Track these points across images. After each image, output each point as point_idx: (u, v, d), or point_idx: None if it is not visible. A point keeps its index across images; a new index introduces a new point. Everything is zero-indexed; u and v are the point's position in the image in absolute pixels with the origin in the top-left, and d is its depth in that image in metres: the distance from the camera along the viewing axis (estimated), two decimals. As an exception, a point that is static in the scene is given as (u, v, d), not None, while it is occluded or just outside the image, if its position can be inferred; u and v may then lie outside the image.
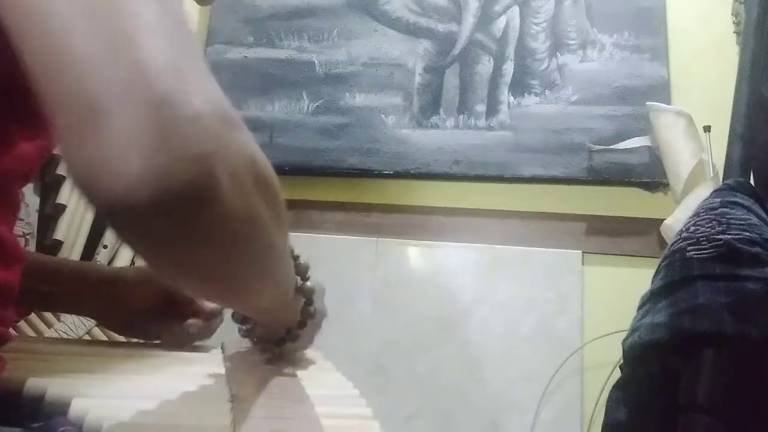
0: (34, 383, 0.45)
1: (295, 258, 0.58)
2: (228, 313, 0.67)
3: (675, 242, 0.78)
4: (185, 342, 0.69)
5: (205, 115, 0.31)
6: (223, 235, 0.33)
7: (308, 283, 0.59)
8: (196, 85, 0.31)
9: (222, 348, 0.66)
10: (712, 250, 0.74)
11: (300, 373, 0.57)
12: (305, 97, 1.59)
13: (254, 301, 0.48)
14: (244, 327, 0.63)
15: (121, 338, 0.79)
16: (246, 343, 0.66)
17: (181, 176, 0.29)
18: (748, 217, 0.76)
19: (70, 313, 0.84)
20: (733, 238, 0.73)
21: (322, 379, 0.58)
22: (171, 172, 0.29)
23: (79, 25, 0.30)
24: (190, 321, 0.68)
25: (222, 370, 0.55)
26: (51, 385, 0.44)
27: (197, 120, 0.30)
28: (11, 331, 0.48)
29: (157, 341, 0.70)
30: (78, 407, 0.40)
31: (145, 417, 0.40)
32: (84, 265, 0.94)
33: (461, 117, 1.53)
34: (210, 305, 0.69)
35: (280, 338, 0.59)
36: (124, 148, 0.29)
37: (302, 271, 0.59)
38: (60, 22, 0.31)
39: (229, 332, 0.68)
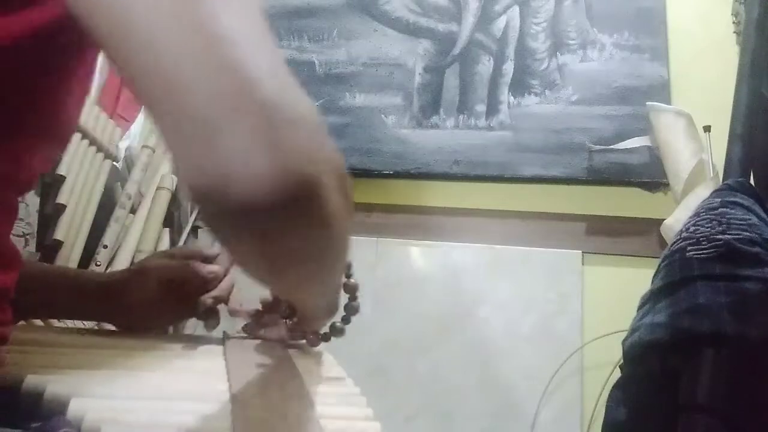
0: (33, 380, 0.45)
1: None
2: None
3: (675, 242, 0.78)
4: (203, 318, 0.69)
5: (308, 117, 0.33)
6: (324, 228, 0.35)
7: (352, 280, 0.62)
8: (294, 89, 0.33)
9: (223, 339, 0.66)
10: (712, 250, 0.74)
11: (301, 368, 0.57)
12: (305, 97, 1.59)
13: (322, 294, 0.50)
14: (288, 321, 0.65)
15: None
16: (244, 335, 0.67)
17: (298, 173, 0.31)
18: (748, 217, 0.76)
19: (71, 319, 0.84)
20: (733, 238, 0.73)
21: (322, 376, 0.58)
22: (289, 170, 0.31)
23: (176, 38, 0.31)
24: (203, 297, 0.68)
25: (223, 367, 0.55)
26: (50, 383, 0.44)
27: (303, 121, 0.32)
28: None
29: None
30: (76, 407, 0.40)
31: (144, 418, 0.40)
32: (79, 273, 0.94)
33: (461, 117, 1.53)
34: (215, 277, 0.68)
35: (324, 333, 0.61)
36: (245, 153, 0.30)
37: (347, 268, 0.62)
38: (158, 38, 0.31)
39: (230, 323, 0.68)
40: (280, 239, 0.34)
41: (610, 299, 1.35)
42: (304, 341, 0.62)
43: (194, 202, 0.33)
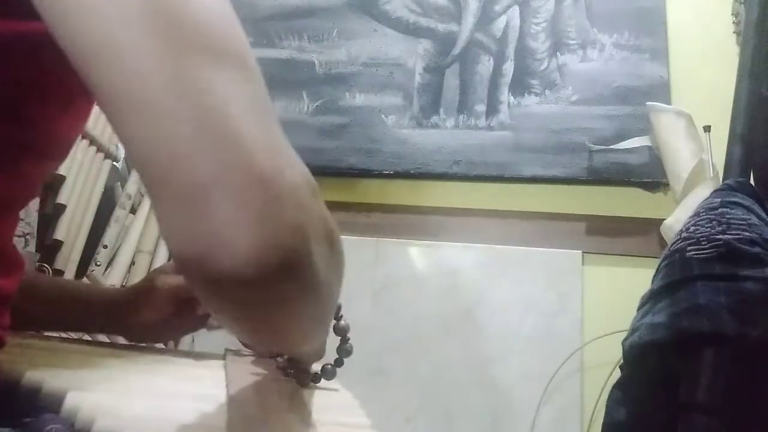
0: (31, 376, 0.45)
1: None
2: None
3: (675, 242, 0.78)
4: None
5: (299, 187, 0.33)
6: (308, 297, 0.35)
7: (342, 322, 0.61)
8: (287, 159, 0.33)
9: (224, 354, 0.66)
10: (712, 250, 0.74)
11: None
12: (305, 97, 1.59)
13: (309, 346, 0.51)
14: (277, 360, 0.64)
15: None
16: (247, 351, 0.67)
17: (284, 248, 0.31)
18: (748, 217, 0.76)
19: (78, 332, 0.84)
20: (733, 238, 0.73)
21: (322, 390, 0.58)
22: (274, 244, 0.31)
23: (173, 108, 0.31)
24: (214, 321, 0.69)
25: (222, 375, 0.55)
26: (48, 379, 0.44)
27: (293, 192, 0.32)
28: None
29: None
30: (72, 401, 0.40)
31: (139, 412, 0.40)
32: (90, 288, 0.95)
33: (461, 117, 1.53)
34: None
35: (315, 374, 0.60)
36: (232, 226, 0.30)
37: (336, 310, 0.61)
38: (154, 104, 0.31)
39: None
40: (265, 308, 0.34)
41: (610, 299, 1.35)
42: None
43: (179, 268, 0.33)
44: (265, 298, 0.33)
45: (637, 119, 1.43)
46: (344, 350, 0.60)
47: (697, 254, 0.74)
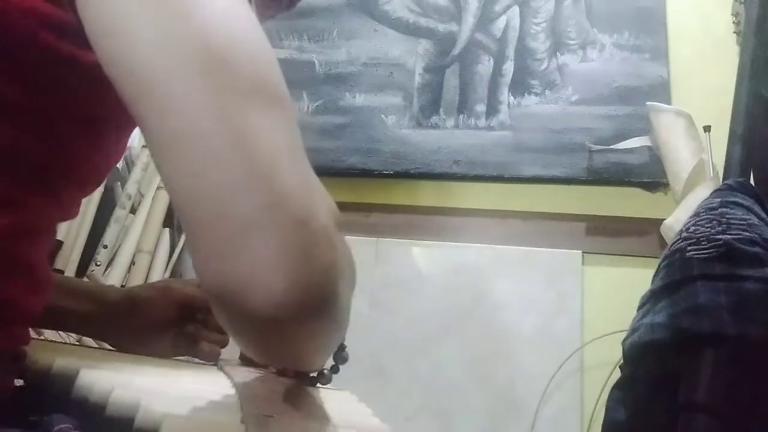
0: (42, 358, 0.45)
1: None
2: None
3: (675, 242, 0.78)
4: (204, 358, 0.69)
5: (329, 226, 0.34)
6: (332, 327, 0.36)
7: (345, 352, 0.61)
8: (319, 198, 0.34)
9: (220, 366, 0.66)
10: (712, 250, 0.74)
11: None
12: (305, 97, 1.59)
13: (322, 364, 0.53)
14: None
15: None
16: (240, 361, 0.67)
17: (316, 287, 0.32)
18: (748, 217, 0.76)
19: (81, 333, 0.82)
20: (733, 238, 0.73)
21: (332, 394, 0.58)
22: (309, 284, 0.32)
23: (219, 148, 0.32)
24: (205, 347, 0.67)
25: (225, 379, 0.55)
26: (58, 360, 0.44)
27: (326, 233, 0.33)
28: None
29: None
30: (86, 377, 0.40)
31: (153, 385, 0.40)
32: (100, 285, 0.94)
33: (461, 117, 1.53)
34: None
35: (311, 378, 0.59)
36: (269, 266, 0.31)
37: None
38: (201, 143, 0.32)
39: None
40: (291, 341, 0.35)
41: (610, 299, 1.35)
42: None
43: (212, 304, 0.34)
44: (294, 333, 0.34)
45: (637, 119, 1.43)
46: (341, 357, 0.61)
47: (697, 254, 0.74)
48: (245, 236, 0.31)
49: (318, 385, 0.59)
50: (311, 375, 0.59)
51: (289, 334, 0.34)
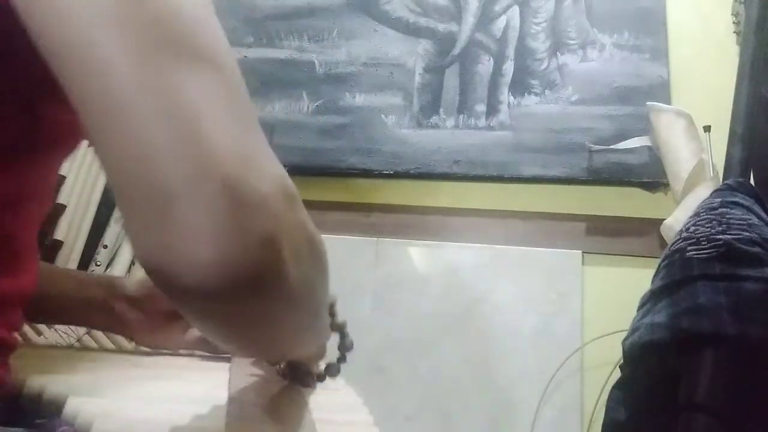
0: (32, 384, 0.45)
1: None
2: None
3: (675, 242, 0.78)
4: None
5: (270, 197, 0.31)
6: (286, 308, 0.34)
7: (338, 318, 0.60)
8: (261, 167, 0.32)
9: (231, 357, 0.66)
10: (712, 250, 0.74)
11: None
12: (305, 97, 1.59)
13: (302, 351, 0.50)
14: (278, 367, 0.61)
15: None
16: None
17: (250, 260, 0.30)
18: (748, 217, 0.76)
19: (87, 325, 0.81)
20: (733, 238, 0.73)
21: (325, 388, 0.58)
22: (241, 257, 0.29)
23: (144, 110, 0.30)
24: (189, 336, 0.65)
25: (224, 377, 0.55)
26: (49, 386, 0.44)
27: (264, 202, 0.30)
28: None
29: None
30: (72, 406, 0.41)
31: (137, 415, 0.40)
32: (109, 276, 0.93)
33: (461, 117, 1.53)
34: None
35: (319, 374, 0.58)
36: (194, 236, 0.29)
37: (330, 307, 0.59)
38: (124, 105, 0.30)
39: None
40: (239, 322, 0.33)
41: (610, 299, 1.35)
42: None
43: (147, 275, 0.32)
44: (236, 312, 0.32)
45: (637, 119, 1.43)
46: (344, 346, 0.59)
47: (697, 254, 0.74)
48: (172, 206, 0.29)
49: (327, 378, 0.58)
50: (317, 372, 0.57)
51: (231, 313, 0.32)
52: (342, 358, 0.59)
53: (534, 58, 1.53)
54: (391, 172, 1.51)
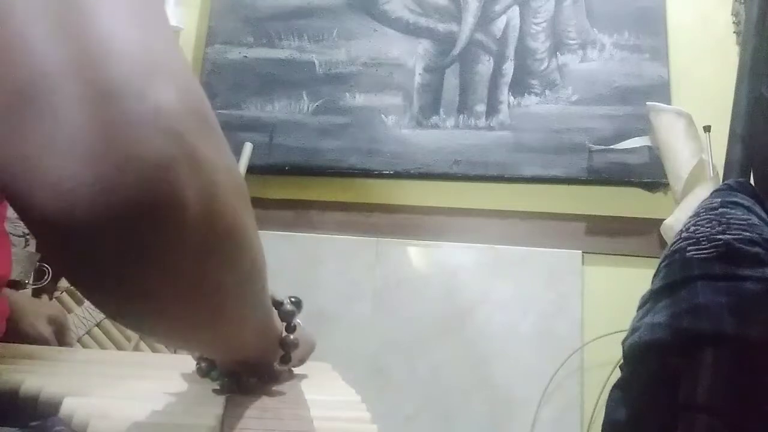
0: (30, 384, 0.45)
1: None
2: None
3: (675, 242, 0.78)
4: None
5: (170, 111, 0.24)
6: (192, 262, 0.26)
7: (286, 306, 0.49)
8: (162, 73, 0.25)
9: None
10: (712, 250, 0.74)
11: (302, 379, 0.57)
12: (305, 97, 1.59)
13: (233, 341, 0.40)
14: (203, 366, 0.52)
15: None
16: None
17: (131, 189, 0.23)
18: (748, 217, 0.76)
19: None
20: (733, 238, 0.73)
21: (323, 385, 0.58)
22: (118, 183, 0.22)
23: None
24: None
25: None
26: (46, 386, 0.44)
27: (159, 117, 0.24)
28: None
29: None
30: (69, 406, 0.41)
31: (133, 414, 0.40)
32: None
33: (461, 117, 1.53)
34: None
35: (256, 376, 0.49)
36: (60, 149, 0.22)
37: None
38: None
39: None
40: (115, 274, 0.25)
41: (610, 299, 1.35)
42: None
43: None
44: (115, 258, 0.24)
45: (637, 119, 1.43)
46: (287, 344, 0.47)
47: (697, 254, 0.74)
48: (31, 106, 0.22)
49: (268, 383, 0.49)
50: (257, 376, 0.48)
51: (104, 258, 0.24)
52: (286, 358, 0.48)
53: (534, 58, 1.54)
54: (391, 172, 1.51)
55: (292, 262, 1.47)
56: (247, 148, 1.43)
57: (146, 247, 0.24)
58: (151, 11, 0.27)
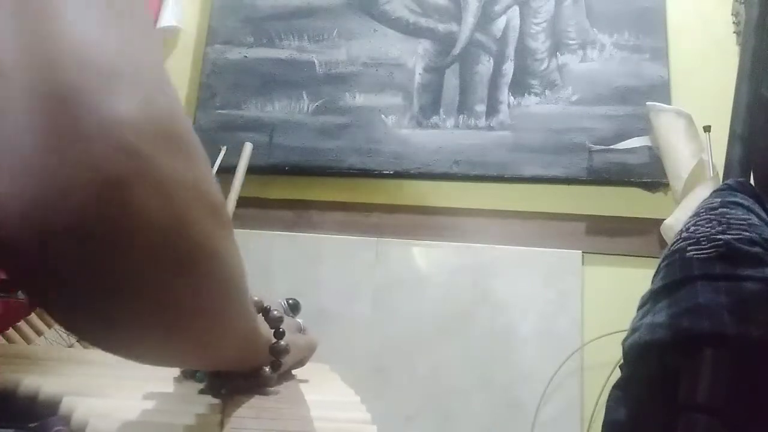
0: (29, 383, 0.45)
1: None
2: None
3: (675, 242, 0.78)
4: None
5: (127, 124, 0.22)
6: (154, 285, 0.24)
7: (273, 312, 0.47)
8: (125, 81, 0.22)
9: None
10: (712, 250, 0.73)
11: (301, 379, 0.57)
12: (305, 97, 1.59)
13: (213, 352, 0.36)
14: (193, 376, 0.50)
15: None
16: None
17: (73, 208, 0.21)
18: (748, 217, 0.76)
19: None
20: (733, 238, 0.73)
21: (322, 386, 0.58)
22: (58, 200, 0.20)
23: None
24: None
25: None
26: (45, 386, 0.45)
27: (113, 129, 0.21)
28: None
29: None
30: (67, 405, 0.41)
31: (133, 413, 0.40)
32: None
33: (461, 117, 1.53)
34: None
35: (248, 384, 0.47)
36: (2, 159, 0.20)
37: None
38: None
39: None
40: (74, 298, 0.23)
41: (610, 299, 1.35)
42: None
43: None
44: (67, 277, 0.22)
45: (637, 119, 1.43)
46: (276, 350, 0.46)
47: (697, 254, 0.74)
48: None
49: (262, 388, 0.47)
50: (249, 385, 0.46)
51: (65, 284, 0.22)
52: (275, 365, 0.47)
53: (534, 58, 1.54)
54: (391, 172, 1.51)
55: (292, 262, 1.47)
56: (247, 148, 1.43)
57: (97, 271, 0.22)
58: (130, 13, 0.25)
